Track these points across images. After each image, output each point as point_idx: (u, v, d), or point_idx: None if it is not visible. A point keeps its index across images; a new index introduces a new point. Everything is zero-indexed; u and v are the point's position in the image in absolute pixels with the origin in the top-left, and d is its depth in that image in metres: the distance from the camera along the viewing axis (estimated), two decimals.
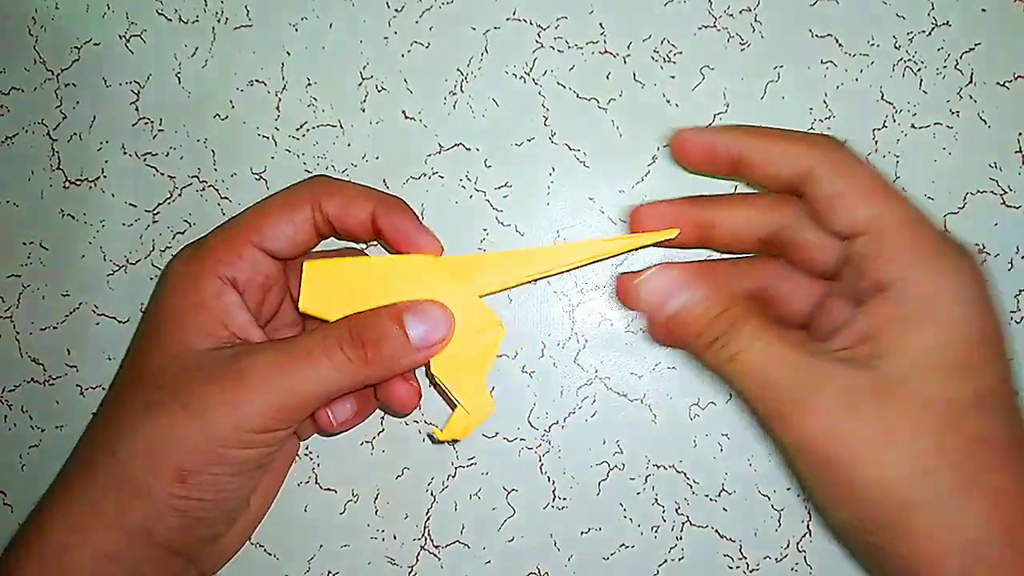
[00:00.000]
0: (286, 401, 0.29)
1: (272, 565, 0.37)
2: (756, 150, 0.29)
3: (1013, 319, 0.35)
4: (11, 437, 0.39)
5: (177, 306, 0.30)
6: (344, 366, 0.29)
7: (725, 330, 0.28)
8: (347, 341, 0.29)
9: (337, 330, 0.29)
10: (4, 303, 0.39)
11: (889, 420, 0.25)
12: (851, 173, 0.28)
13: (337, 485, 0.37)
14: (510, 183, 0.37)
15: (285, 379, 0.28)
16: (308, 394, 0.29)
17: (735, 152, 0.30)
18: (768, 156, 0.29)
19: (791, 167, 0.29)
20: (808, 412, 0.26)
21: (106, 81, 0.39)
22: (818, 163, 0.28)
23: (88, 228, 0.39)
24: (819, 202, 0.28)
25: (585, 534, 0.36)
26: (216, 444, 0.28)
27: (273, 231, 0.31)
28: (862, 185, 0.28)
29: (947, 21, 0.36)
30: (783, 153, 0.29)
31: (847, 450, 0.26)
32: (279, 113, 0.38)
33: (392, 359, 0.29)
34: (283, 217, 0.31)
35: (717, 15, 0.36)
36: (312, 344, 0.29)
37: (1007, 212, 0.35)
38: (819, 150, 0.28)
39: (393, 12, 0.38)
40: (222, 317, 0.30)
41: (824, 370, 0.26)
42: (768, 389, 0.27)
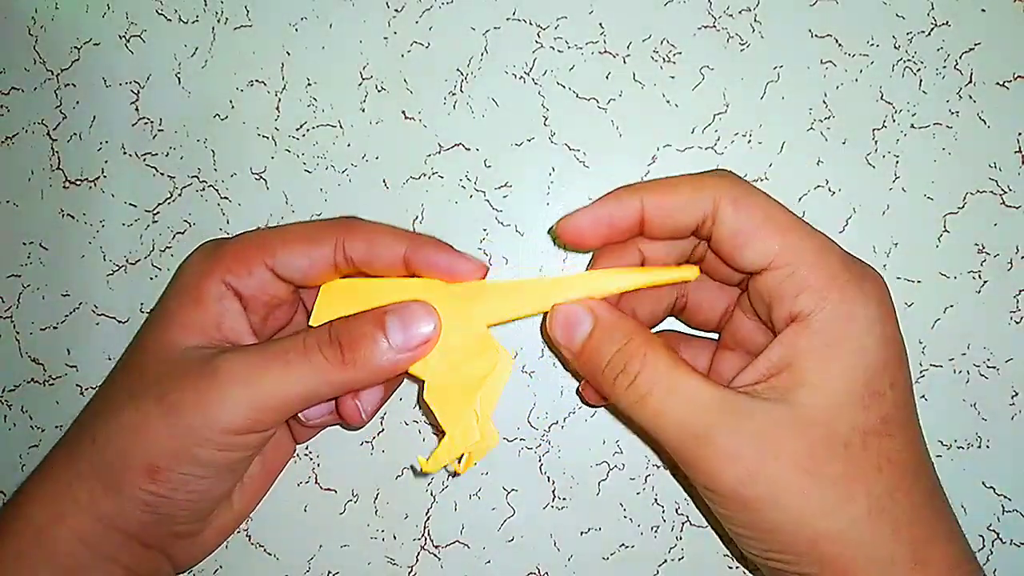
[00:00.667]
0: (260, 402, 0.28)
1: (272, 565, 0.37)
2: (653, 209, 0.28)
3: (1013, 319, 0.35)
4: (11, 437, 0.39)
5: (177, 301, 0.31)
6: (321, 368, 0.28)
7: (629, 363, 0.27)
8: (325, 342, 0.28)
9: (318, 332, 0.29)
10: (4, 303, 0.39)
11: (807, 458, 0.25)
12: (753, 209, 0.27)
13: (337, 485, 0.37)
14: (510, 183, 0.37)
15: (260, 379, 0.28)
16: (283, 396, 0.28)
17: (633, 218, 0.28)
18: (666, 210, 0.28)
19: (691, 216, 0.28)
20: (726, 459, 0.26)
21: (106, 81, 0.39)
22: (718, 205, 0.27)
23: (88, 228, 0.39)
24: (725, 243, 0.28)
25: (585, 534, 0.36)
26: (187, 443, 0.28)
27: (287, 259, 0.30)
28: (766, 220, 0.27)
29: (947, 21, 0.36)
30: (680, 204, 0.28)
31: (767, 493, 0.26)
32: (279, 113, 0.38)
33: (371, 362, 0.28)
34: (300, 249, 0.30)
35: (717, 15, 0.36)
36: (290, 345, 0.28)
37: (1007, 212, 0.35)
38: (716, 191, 0.27)
39: (393, 12, 0.38)
40: (217, 319, 0.30)
41: (740, 408, 0.26)
42: (683, 434, 0.26)
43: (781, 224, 0.27)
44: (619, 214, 0.28)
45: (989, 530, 0.35)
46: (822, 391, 0.26)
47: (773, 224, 0.27)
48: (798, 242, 0.27)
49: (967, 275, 0.35)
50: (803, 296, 0.26)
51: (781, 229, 0.27)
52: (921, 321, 0.35)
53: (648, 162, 0.36)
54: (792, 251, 0.27)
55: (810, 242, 0.27)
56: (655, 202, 0.28)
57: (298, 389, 0.28)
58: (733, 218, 0.27)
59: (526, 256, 0.37)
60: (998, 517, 0.35)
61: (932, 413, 0.35)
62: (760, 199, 0.28)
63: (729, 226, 0.27)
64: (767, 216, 0.27)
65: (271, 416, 0.29)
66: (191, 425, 0.28)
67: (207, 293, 0.30)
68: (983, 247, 0.35)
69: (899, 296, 0.35)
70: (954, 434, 0.35)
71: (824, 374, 0.26)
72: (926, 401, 0.35)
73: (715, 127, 0.36)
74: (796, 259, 0.27)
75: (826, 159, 0.36)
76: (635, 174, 0.36)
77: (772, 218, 0.27)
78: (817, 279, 0.26)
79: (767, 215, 0.27)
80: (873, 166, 0.36)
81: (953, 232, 0.35)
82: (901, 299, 0.35)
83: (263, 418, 0.28)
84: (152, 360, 0.30)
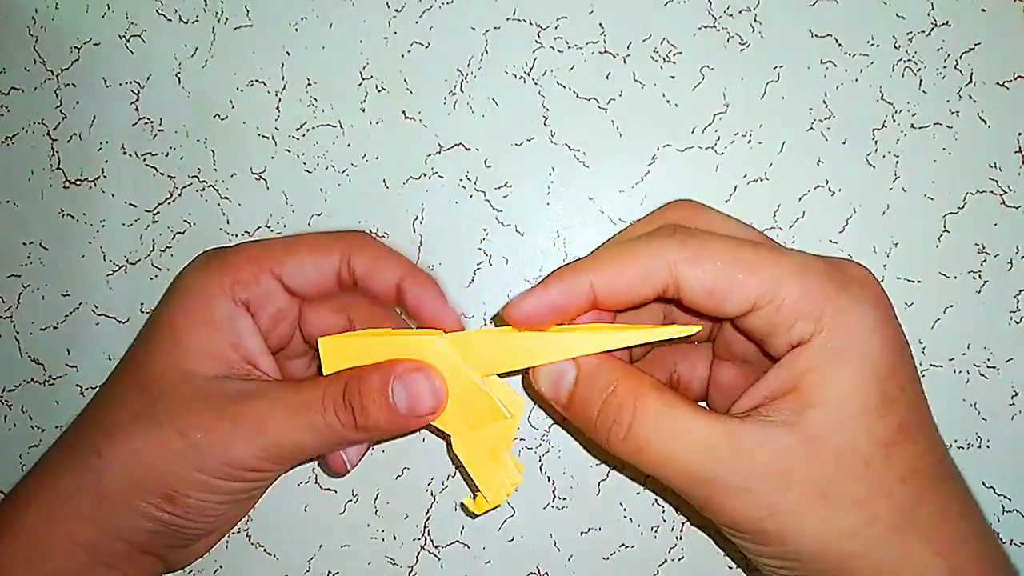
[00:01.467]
0: (279, 450, 0.29)
1: (272, 565, 0.37)
2: (603, 290, 0.27)
3: (1013, 319, 0.35)
4: (11, 437, 0.39)
5: (189, 320, 0.30)
6: (335, 427, 0.29)
7: (619, 413, 0.26)
8: (340, 405, 0.29)
9: (333, 391, 0.29)
10: (4, 303, 0.39)
11: (823, 483, 0.25)
12: (714, 261, 0.26)
13: (337, 485, 0.37)
14: (510, 183, 0.37)
15: (280, 430, 0.29)
16: (301, 446, 0.29)
17: (583, 299, 0.27)
18: (618, 290, 0.27)
19: (649, 288, 0.26)
20: (740, 499, 0.25)
21: (106, 81, 0.39)
22: (675, 271, 0.26)
23: (88, 228, 0.39)
24: (699, 304, 0.26)
25: (585, 534, 0.36)
26: (206, 475, 0.29)
27: (295, 269, 0.31)
28: (733, 265, 0.25)
29: (947, 21, 0.36)
30: (632, 282, 0.26)
31: (787, 525, 0.25)
32: (279, 113, 0.38)
33: (381, 427, 0.29)
34: (309, 259, 0.31)
35: (717, 15, 0.36)
36: (310, 401, 0.29)
37: (1007, 212, 0.35)
38: (666, 258, 0.26)
39: (393, 12, 0.38)
40: (232, 339, 0.30)
41: (747, 442, 0.25)
42: (692, 481, 0.25)
43: (750, 263, 0.25)
44: (565, 300, 0.27)
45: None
46: (834, 410, 0.25)
47: (742, 266, 0.25)
48: (773, 275, 0.25)
49: (967, 275, 0.35)
50: (798, 325, 0.25)
51: (751, 268, 0.25)
52: (921, 321, 0.35)
53: (648, 162, 0.36)
54: (771, 286, 0.25)
55: (785, 268, 0.25)
56: (606, 279, 0.27)
57: (314, 443, 0.29)
58: (698, 279, 0.26)
59: (526, 256, 0.37)
60: (998, 517, 0.35)
61: (932, 413, 0.35)
62: (715, 246, 0.26)
63: (697, 288, 0.26)
64: (732, 260, 0.26)
65: (287, 461, 0.30)
66: (211, 462, 0.29)
67: (219, 313, 0.30)
68: (983, 247, 0.35)
69: (899, 296, 0.35)
70: (954, 434, 0.35)
71: (833, 391, 0.25)
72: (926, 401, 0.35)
73: (715, 127, 0.36)
74: (779, 292, 0.25)
75: (826, 159, 0.36)
76: (635, 174, 0.36)
77: (738, 260, 0.26)
78: (806, 303, 0.25)
79: (732, 260, 0.26)
80: (873, 166, 0.36)
81: (953, 232, 0.35)
82: (901, 299, 0.35)
83: (279, 462, 0.30)
84: (169, 385, 0.30)
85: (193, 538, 0.32)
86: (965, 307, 0.35)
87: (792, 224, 0.36)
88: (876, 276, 0.27)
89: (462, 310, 0.37)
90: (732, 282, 0.25)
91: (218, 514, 0.31)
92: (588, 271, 0.27)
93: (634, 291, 0.26)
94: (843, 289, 0.25)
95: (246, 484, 0.30)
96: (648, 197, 0.36)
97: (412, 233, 0.37)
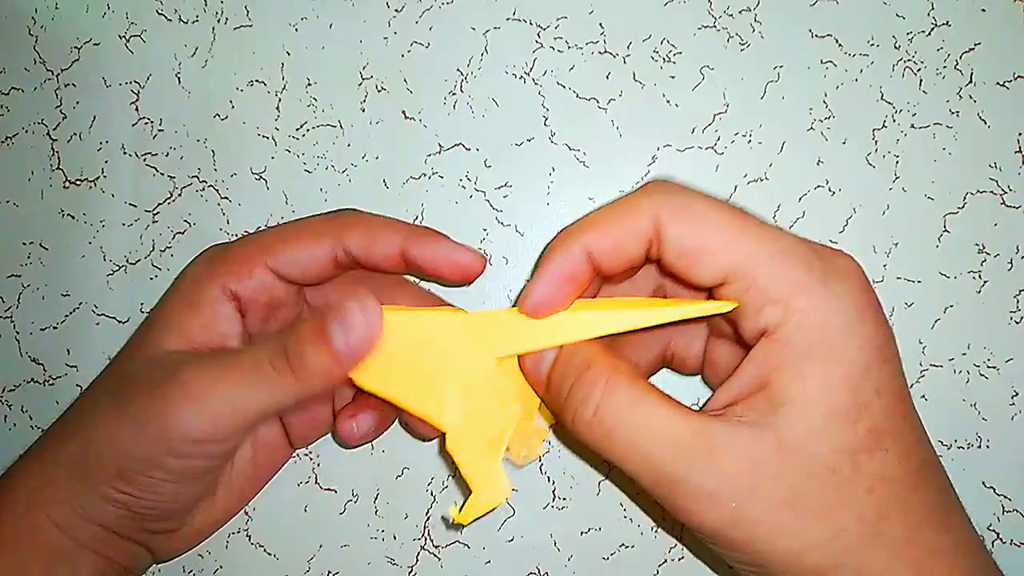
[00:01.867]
0: (216, 416, 0.27)
1: (272, 565, 0.37)
2: (597, 246, 0.26)
3: (1013, 319, 0.35)
4: (11, 437, 0.39)
5: (172, 305, 0.31)
6: (272, 382, 0.27)
7: (589, 393, 0.25)
8: (275, 355, 0.27)
9: (270, 344, 0.28)
10: (4, 303, 0.39)
11: (789, 493, 0.24)
12: (695, 220, 0.25)
13: (337, 485, 0.37)
14: (510, 183, 0.37)
15: (216, 394, 0.27)
16: (237, 410, 0.28)
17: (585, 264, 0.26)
18: (610, 244, 0.26)
19: (637, 240, 0.25)
20: (706, 503, 0.24)
21: (106, 81, 0.39)
22: (659, 222, 0.25)
23: (88, 228, 0.39)
24: (673, 264, 0.25)
25: (585, 534, 0.36)
26: (151, 450, 0.28)
27: (287, 257, 0.30)
28: (712, 229, 0.25)
29: (947, 21, 0.36)
30: (621, 233, 0.26)
31: (752, 535, 0.24)
32: (279, 113, 0.38)
33: (320, 374, 0.27)
34: (300, 245, 0.30)
35: (717, 15, 0.36)
36: (244, 358, 0.28)
37: (1007, 212, 0.35)
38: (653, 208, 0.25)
39: (393, 12, 0.38)
40: (207, 322, 0.30)
41: (717, 443, 0.24)
42: (657, 477, 0.25)
43: (729, 231, 0.24)
44: (570, 266, 0.26)
45: (989, 530, 0.35)
46: (802, 412, 0.24)
47: (720, 233, 0.24)
48: (751, 248, 0.24)
49: (967, 275, 0.35)
50: (767, 309, 0.24)
51: (730, 237, 0.24)
52: (921, 321, 0.35)
53: (648, 162, 0.36)
54: (746, 260, 0.24)
55: (765, 246, 0.24)
56: (596, 238, 0.26)
57: (251, 403, 0.28)
58: (676, 234, 0.25)
59: (526, 256, 0.37)
60: (998, 517, 0.35)
61: (932, 413, 0.34)
62: (702, 205, 0.25)
63: (674, 244, 0.25)
64: (713, 224, 0.25)
65: (226, 429, 0.28)
66: (152, 434, 0.28)
67: (203, 297, 0.30)
68: (983, 247, 0.35)
69: (899, 296, 0.35)
70: (954, 434, 0.35)
71: (802, 392, 0.24)
72: (926, 401, 0.35)
73: (715, 127, 0.36)
74: (752, 268, 0.24)
75: (826, 159, 0.36)
76: (635, 174, 0.36)
77: (718, 225, 0.25)
78: (779, 288, 0.24)
79: (713, 223, 0.25)
80: (873, 166, 0.36)
81: (953, 232, 0.35)
82: (901, 299, 0.35)
83: (220, 432, 0.28)
84: (130, 363, 0.30)
85: (162, 520, 0.31)
86: (965, 307, 0.35)
87: (792, 224, 0.36)
88: (865, 271, 0.25)
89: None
90: (708, 246, 0.25)
91: (173, 492, 0.30)
92: (579, 231, 0.26)
93: (623, 248, 0.26)
94: (822, 282, 0.24)
95: (192, 461, 0.29)
96: None
97: None
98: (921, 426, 0.26)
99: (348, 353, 0.27)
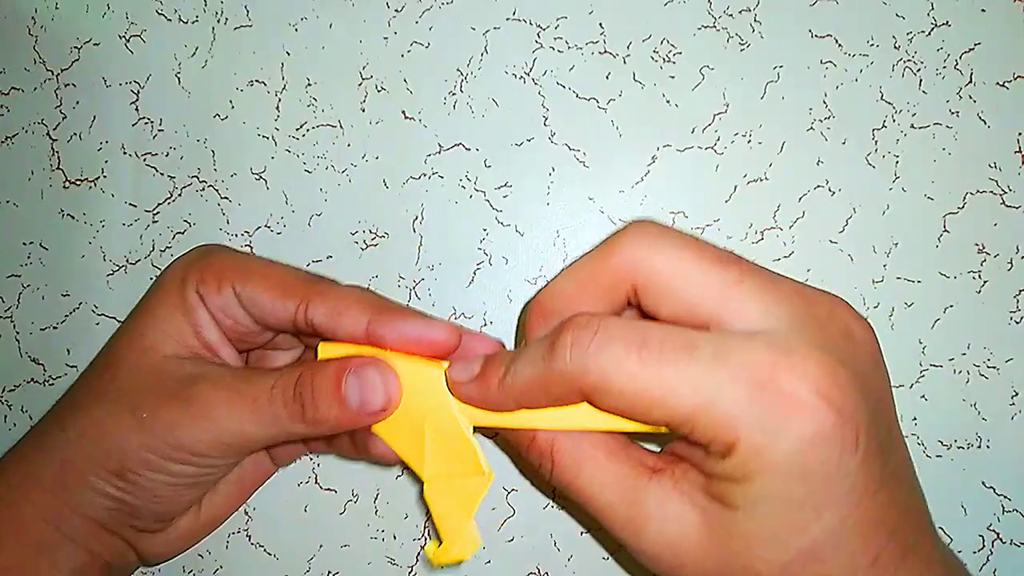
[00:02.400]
0: (224, 438, 0.29)
1: (272, 565, 0.37)
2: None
3: (1013, 319, 0.35)
4: (11, 437, 0.39)
5: (158, 302, 0.31)
6: (283, 421, 0.28)
7: (542, 460, 0.26)
8: (289, 399, 0.28)
9: (284, 383, 0.28)
10: (4, 303, 0.39)
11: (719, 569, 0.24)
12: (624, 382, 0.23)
13: (337, 485, 0.37)
14: (510, 183, 0.37)
15: (228, 419, 0.28)
16: (249, 438, 0.29)
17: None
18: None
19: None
20: (648, 561, 0.25)
21: (106, 81, 0.39)
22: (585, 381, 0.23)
23: (88, 228, 0.39)
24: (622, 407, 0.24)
25: (585, 534, 0.36)
26: (157, 455, 0.29)
27: (253, 295, 0.30)
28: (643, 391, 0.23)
29: (947, 21, 0.36)
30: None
31: None
32: (279, 113, 0.38)
33: (331, 423, 0.28)
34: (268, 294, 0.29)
35: (717, 15, 0.36)
36: (260, 392, 0.28)
37: (1007, 212, 0.35)
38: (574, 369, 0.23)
39: (393, 12, 0.38)
40: (195, 327, 0.30)
41: (650, 509, 0.24)
42: (610, 525, 0.25)
43: (666, 387, 0.22)
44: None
45: (989, 530, 0.35)
46: (733, 512, 0.23)
47: (653, 394, 0.22)
48: (686, 406, 0.22)
49: (967, 275, 0.35)
50: (711, 445, 0.23)
51: (665, 396, 0.22)
52: (921, 321, 0.35)
53: (648, 162, 0.36)
54: (684, 415, 0.22)
55: (705, 394, 0.22)
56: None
57: (262, 435, 0.29)
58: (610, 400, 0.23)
59: (526, 256, 0.37)
60: (998, 517, 0.35)
61: (932, 413, 0.35)
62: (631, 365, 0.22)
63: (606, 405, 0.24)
64: (644, 386, 0.23)
65: (236, 451, 0.30)
66: (160, 442, 0.29)
67: (188, 300, 0.30)
68: (983, 247, 0.35)
69: (899, 296, 0.35)
70: (954, 434, 0.35)
71: (744, 509, 0.23)
72: (926, 401, 0.35)
73: (715, 127, 0.36)
74: (689, 420, 0.22)
75: (826, 159, 0.36)
76: (635, 174, 0.36)
77: (650, 385, 0.23)
78: (719, 434, 0.22)
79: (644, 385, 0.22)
80: (873, 166, 0.36)
81: (953, 232, 0.35)
82: (901, 299, 0.35)
83: (228, 451, 0.29)
84: (127, 363, 0.30)
85: (152, 519, 0.31)
86: (965, 307, 0.35)
87: (792, 224, 0.36)
88: (827, 369, 0.22)
89: (460, 312, 0.37)
90: (639, 410, 0.23)
91: (170, 495, 0.30)
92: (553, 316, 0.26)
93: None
94: (767, 416, 0.22)
95: (194, 468, 0.30)
96: (648, 197, 0.36)
97: (412, 233, 0.37)
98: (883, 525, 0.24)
99: (363, 417, 0.28)
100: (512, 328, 0.36)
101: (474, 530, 0.28)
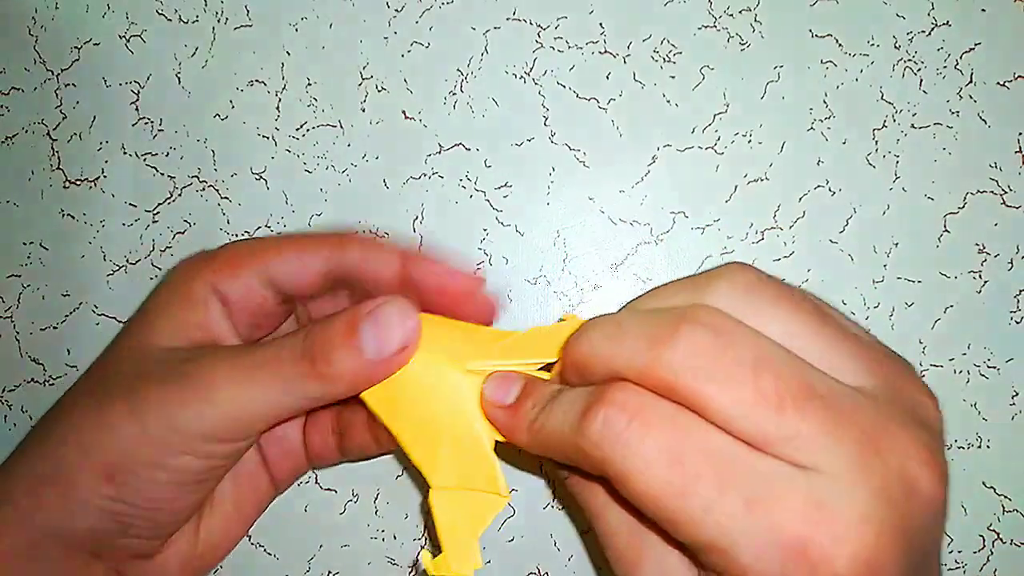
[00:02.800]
0: (231, 413, 0.26)
1: (272, 565, 0.37)
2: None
3: (1013, 319, 0.35)
4: (11, 437, 0.39)
5: (163, 301, 0.30)
6: (293, 384, 0.26)
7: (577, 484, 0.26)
8: (297, 355, 0.26)
9: (291, 342, 0.26)
10: (4, 303, 0.39)
11: None
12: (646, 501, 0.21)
13: (337, 485, 0.37)
14: (510, 183, 0.37)
15: (231, 390, 0.26)
16: (253, 409, 0.26)
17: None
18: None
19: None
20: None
21: (106, 81, 0.39)
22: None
23: (88, 228, 0.39)
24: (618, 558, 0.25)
25: (585, 534, 0.36)
26: (151, 446, 0.26)
27: (278, 264, 0.29)
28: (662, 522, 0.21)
29: (947, 21, 0.36)
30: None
31: None
32: (279, 113, 0.38)
33: (346, 376, 0.25)
34: (292, 255, 0.29)
35: (717, 15, 0.36)
36: (263, 356, 0.26)
37: (1007, 212, 0.35)
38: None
39: (393, 12, 0.38)
40: (202, 321, 0.29)
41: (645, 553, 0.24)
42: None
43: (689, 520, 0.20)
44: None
45: (989, 530, 0.35)
46: None
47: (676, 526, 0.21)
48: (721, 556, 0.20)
49: (967, 275, 0.35)
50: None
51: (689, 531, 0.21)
52: (921, 321, 0.35)
53: (648, 162, 0.36)
54: (717, 555, 0.21)
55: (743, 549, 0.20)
56: None
57: (269, 403, 0.26)
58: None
59: (526, 256, 0.37)
60: (998, 517, 0.35)
61: None
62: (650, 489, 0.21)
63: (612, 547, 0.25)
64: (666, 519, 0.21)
65: (241, 429, 0.27)
66: (156, 428, 0.26)
67: (194, 295, 0.29)
68: (983, 247, 0.35)
69: (899, 296, 0.35)
70: (954, 434, 0.35)
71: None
72: None
73: (715, 127, 0.36)
74: (721, 559, 0.21)
75: (826, 159, 0.36)
76: (635, 174, 0.36)
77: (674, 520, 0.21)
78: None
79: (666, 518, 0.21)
80: (873, 166, 0.36)
81: (953, 232, 0.35)
82: (901, 299, 0.35)
83: (232, 431, 0.27)
84: (125, 359, 0.28)
85: (147, 531, 0.28)
86: (965, 307, 0.35)
87: (792, 224, 0.36)
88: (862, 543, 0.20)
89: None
90: (652, 515, 0.21)
91: (167, 498, 0.27)
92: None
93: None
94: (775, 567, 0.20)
95: (194, 460, 0.27)
96: (648, 197, 0.36)
97: (412, 233, 0.37)
98: None
99: (380, 364, 0.26)
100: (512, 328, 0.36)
101: (477, 551, 0.26)
